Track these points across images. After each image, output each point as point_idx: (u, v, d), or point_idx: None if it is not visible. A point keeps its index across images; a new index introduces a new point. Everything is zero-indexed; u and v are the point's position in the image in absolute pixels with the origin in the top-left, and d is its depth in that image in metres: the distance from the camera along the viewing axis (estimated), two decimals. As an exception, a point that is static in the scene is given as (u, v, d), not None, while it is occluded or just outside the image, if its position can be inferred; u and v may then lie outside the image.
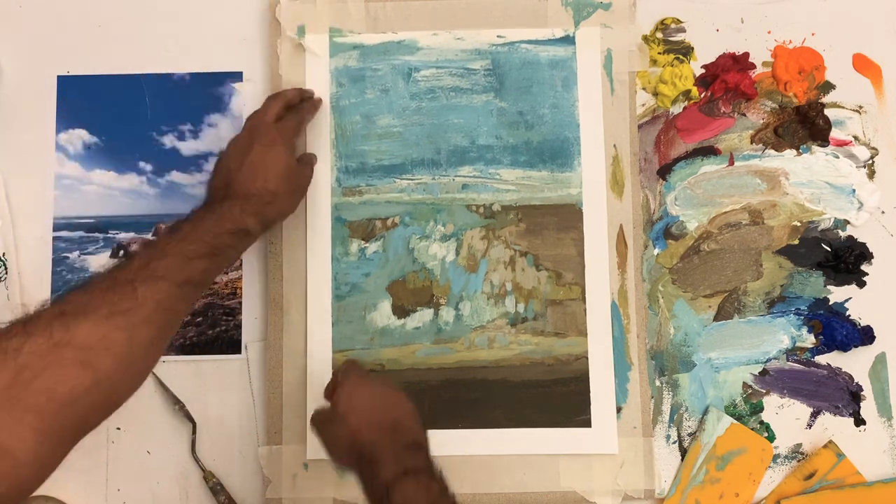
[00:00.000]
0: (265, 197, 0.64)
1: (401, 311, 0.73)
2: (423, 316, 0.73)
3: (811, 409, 0.72)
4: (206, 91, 0.77)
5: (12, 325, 0.48)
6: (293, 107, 0.71)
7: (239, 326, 0.74)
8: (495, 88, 0.75)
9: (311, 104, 0.73)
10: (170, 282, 0.54)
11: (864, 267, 0.74)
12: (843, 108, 0.76)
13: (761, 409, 0.72)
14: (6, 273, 0.73)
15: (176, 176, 0.76)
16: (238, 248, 0.63)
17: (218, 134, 0.76)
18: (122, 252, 0.75)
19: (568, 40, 0.76)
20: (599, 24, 0.75)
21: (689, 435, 0.72)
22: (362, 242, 0.73)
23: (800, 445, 0.72)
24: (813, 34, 0.76)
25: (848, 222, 0.74)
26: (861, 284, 0.74)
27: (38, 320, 0.48)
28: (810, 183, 0.75)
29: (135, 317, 0.52)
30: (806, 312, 0.73)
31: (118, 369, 0.50)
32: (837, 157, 0.75)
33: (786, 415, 0.72)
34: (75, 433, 0.49)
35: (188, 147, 0.76)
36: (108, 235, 0.75)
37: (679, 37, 0.77)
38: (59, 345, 0.48)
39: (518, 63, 0.75)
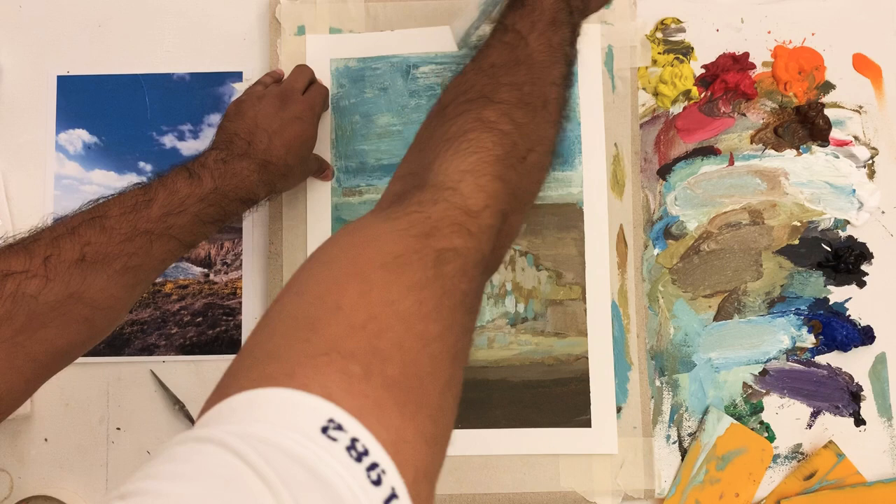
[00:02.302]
0: (281, 169, 0.63)
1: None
2: (422, 316, 0.72)
3: (811, 409, 0.72)
4: (206, 91, 0.77)
5: (34, 253, 0.48)
6: (314, 82, 0.72)
7: (239, 326, 0.74)
8: None
9: (324, 87, 0.73)
10: (180, 242, 0.55)
11: (864, 267, 0.74)
12: (843, 108, 0.76)
13: (761, 409, 0.72)
14: (6, 273, 0.73)
15: (176, 176, 0.76)
16: (240, 216, 0.63)
17: (218, 134, 0.76)
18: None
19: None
20: (600, 22, 0.75)
21: (689, 435, 0.72)
22: (362, 242, 0.73)
23: (800, 445, 0.72)
24: (813, 34, 0.76)
25: (848, 222, 0.74)
26: (861, 284, 0.73)
27: (60, 259, 0.49)
28: (810, 183, 0.75)
29: (142, 274, 0.53)
30: (806, 312, 0.73)
31: (110, 326, 0.53)
32: (837, 157, 0.75)
33: (786, 415, 0.72)
34: (48, 378, 0.50)
35: (188, 147, 0.76)
36: (108, 235, 0.75)
37: (679, 37, 0.77)
38: (73, 297, 0.49)
39: None
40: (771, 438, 0.71)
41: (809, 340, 0.73)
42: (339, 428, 0.27)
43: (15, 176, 0.75)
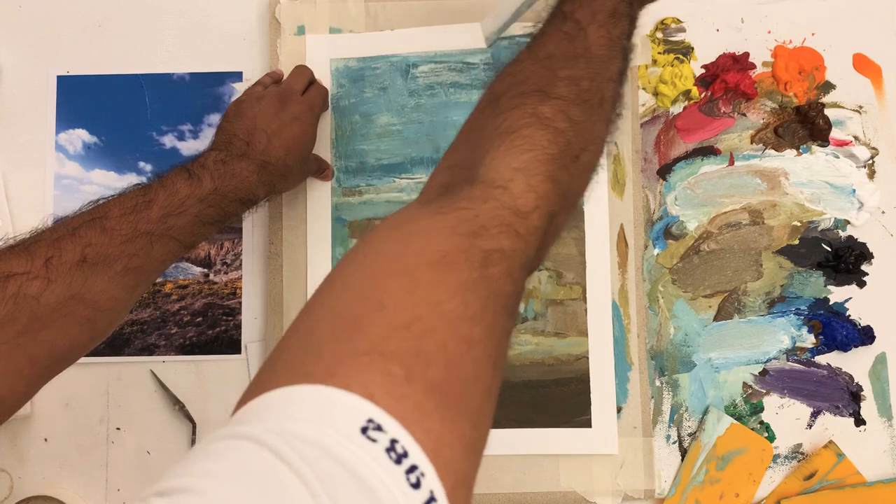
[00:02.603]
0: (281, 169, 0.63)
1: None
2: (422, 316, 0.72)
3: (811, 409, 0.72)
4: (206, 91, 0.77)
5: (35, 255, 0.48)
6: (313, 83, 0.71)
7: (239, 326, 0.74)
8: None
9: (323, 87, 0.73)
10: (180, 243, 0.55)
11: (864, 267, 0.74)
12: (843, 108, 0.76)
13: (761, 409, 0.72)
14: (6, 273, 0.73)
15: (176, 176, 0.76)
16: (240, 216, 0.63)
17: (218, 134, 0.76)
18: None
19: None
20: None
21: (689, 435, 0.72)
22: (362, 242, 0.73)
23: (800, 445, 0.72)
24: (813, 34, 0.76)
25: (848, 222, 0.74)
26: (861, 284, 0.73)
27: (61, 260, 0.49)
28: (810, 183, 0.75)
29: (143, 275, 0.53)
30: (806, 312, 0.73)
31: (111, 327, 0.53)
32: (837, 157, 0.75)
33: (786, 415, 0.72)
34: (49, 379, 0.50)
35: (188, 147, 0.76)
36: (108, 235, 0.75)
37: (679, 37, 0.77)
38: (75, 298, 0.49)
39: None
40: (771, 438, 0.71)
41: (809, 340, 0.73)
42: (379, 428, 0.27)
43: (15, 176, 0.75)
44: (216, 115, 0.76)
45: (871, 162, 0.75)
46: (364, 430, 0.27)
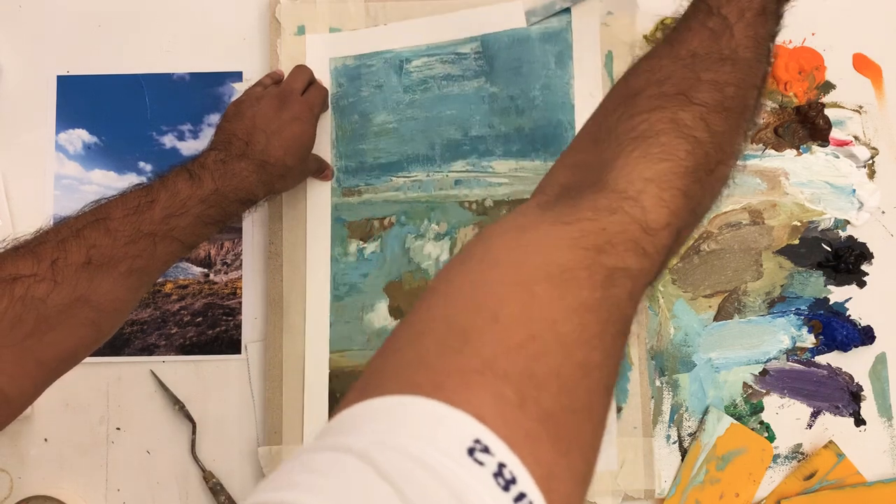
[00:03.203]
0: (279, 169, 0.63)
1: (397, 312, 0.72)
2: (421, 316, 0.72)
3: (811, 409, 0.72)
4: (206, 91, 0.77)
5: (41, 256, 0.48)
6: (313, 83, 0.71)
7: (239, 326, 0.74)
8: (486, 72, 0.73)
9: (323, 87, 0.73)
10: (182, 243, 0.55)
11: (864, 267, 0.73)
12: (843, 108, 0.76)
13: (761, 409, 0.72)
14: (6, 273, 0.73)
15: (176, 176, 0.76)
16: (240, 216, 0.63)
17: (218, 134, 0.76)
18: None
19: (564, 10, 0.73)
20: (600, 23, 0.74)
21: (689, 435, 0.72)
22: (361, 243, 0.73)
23: (800, 445, 0.72)
24: (813, 34, 0.76)
25: (848, 222, 0.74)
26: (861, 284, 0.73)
27: (67, 262, 0.49)
28: (810, 183, 0.75)
29: (146, 276, 0.53)
30: (806, 312, 0.73)
31: (115, 328, 0.54)
32: (837, 157, 0.75)
33: (786, 415, 0.72)
34: (55, 380, 0.50)
35: (188, 147, 0.76)
36: (108, 235, 0.75)
37: (679, 37, 0.76)
38: (81, 300, 0.49)
39: (507, 41, 0.73)
40: (771, 438, 0.71)
41: (809, 340, 0.73)
42: (486, 451, 0.26)
43: (15, 176, 0.75)
44: (216, 115, 0.76)
45: (871, 162, 0.75)
46: (471, 452, 0.25)
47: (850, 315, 0.73)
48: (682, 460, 0.71)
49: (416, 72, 0.74)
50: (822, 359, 0.72)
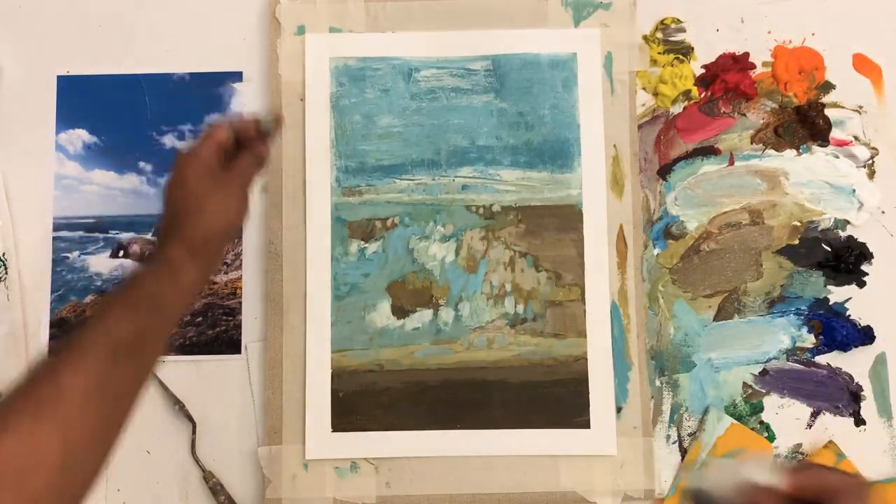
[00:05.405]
0: (210, 244, 0.56)
1: (400, 311, 0.73)
2: (422, 317, 0.73)
3: (811, 409, 0.72)
4: (206, 91, 0.77)
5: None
6: (244, 140, 0.60)
7: (239, 326, 0.74)
8: (496, 89, 0.75)
9: (265, 146, 0.61)
10: (95, 357, 0.46)
11: (864, 267, 0.74)
12: (843, 108, 0.76)
13: (761, 409, 0.72)
14: (6, 273, 0.73)
15: (176, 176, 0.76)
16: (179, 296, 0.54)
17: (218, 134, 0.76)
18: (121, 252, 0.75)
19: (568, 41, 0.75)
20: (599, 25, 0.75)
21: (689, 435, 0.72)
22: (362, 243, 0.73)
23: (800, 445, 0.72)
24: (813, 34, 0.76)
25: (848, 222, 0.74)
26: (861, 284, 0.73)
27: None
28: (810, 183, 0.75)
29: (64, 409, 0.44)
30: (806, 312, 0.73)
31: (54, 483, 0.43)
32: (837, 157, 0.75)
33: (786, 415, 0.72)
34: None
35: (188, 147, 0.76)
36: (109, 235, 0.75)
37: (679, 37, 0.77)
38: None
39: (518, 64, 0.75)
40: (771, 438, 0.71)
41: (809, 340, 0.73)
42: None
43: (15, 176, 0.75)
44: (216, 115, 0.76)
45: (871, 162, 0.75)
46: None
47: (849, 315, 0.73)
48: (682, 460, 0.71)
49: (425, 81, 0.75)
50: (822, 359, 0.73)
